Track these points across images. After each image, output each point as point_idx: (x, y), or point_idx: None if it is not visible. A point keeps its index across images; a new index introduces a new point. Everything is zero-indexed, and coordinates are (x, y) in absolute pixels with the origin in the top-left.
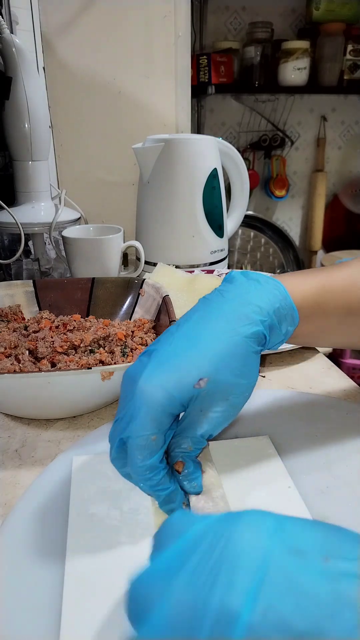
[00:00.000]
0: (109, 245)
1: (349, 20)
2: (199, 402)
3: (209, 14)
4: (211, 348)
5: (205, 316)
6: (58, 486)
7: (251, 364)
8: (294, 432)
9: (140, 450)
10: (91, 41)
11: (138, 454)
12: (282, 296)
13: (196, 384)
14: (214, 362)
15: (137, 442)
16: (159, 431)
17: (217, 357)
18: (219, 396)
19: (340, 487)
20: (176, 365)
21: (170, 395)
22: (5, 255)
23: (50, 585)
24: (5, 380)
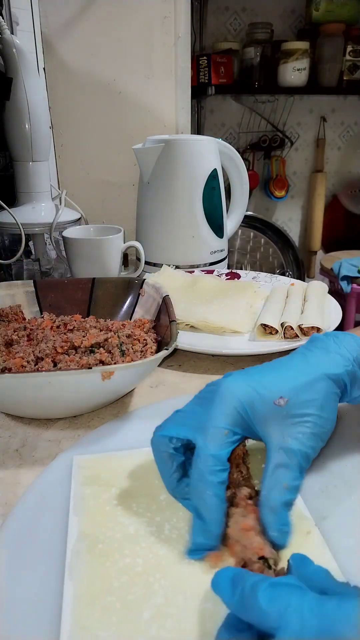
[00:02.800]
0: (109, 246)
1: (349, 21)
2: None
3: (209, 14)
4: (294, 377)
5: (288, 359)
6: (58, 486)
7: (330, 401)
8: None
9: (212, 440)
10: (91, 42)
11: (210, 448)
12: (359, 346)
13: (276, 401)
14: (294, 387)
15: (209, 435)
16: (232, 428)
17: (298, 384)
18: (298, 419)
19: (340, 487)
20: (261, 379)
21: (253, 397)
22: (5, 256)
23: (50, 585)
24: (6, 380)
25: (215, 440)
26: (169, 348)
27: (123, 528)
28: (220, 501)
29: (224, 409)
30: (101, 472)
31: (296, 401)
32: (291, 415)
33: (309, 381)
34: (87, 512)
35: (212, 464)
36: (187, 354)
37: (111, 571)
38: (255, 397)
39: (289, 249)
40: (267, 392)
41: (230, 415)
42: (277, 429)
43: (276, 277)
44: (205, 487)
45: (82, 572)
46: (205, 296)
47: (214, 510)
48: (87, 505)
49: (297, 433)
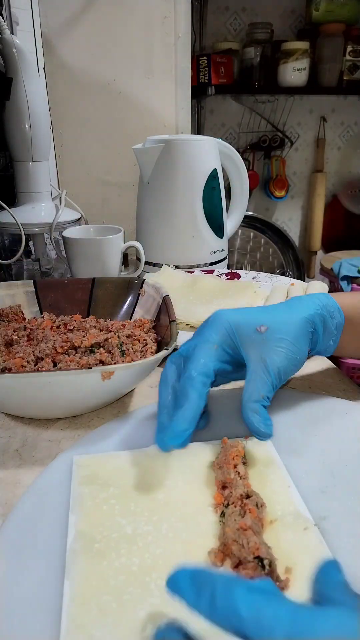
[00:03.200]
0: (109, 246)
1: (349, 21)
2: (259, 348)
3: (209, 14)
4: (273, 313)
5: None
6: (58, 486)
7: (303, 335)
8: (294, 432)
9: (202, 350)
10: (91, 42)
11: (200, 351)
12: (327, 298)
13: (258, 327)
14: (273, 320)
15: (202, 345)
16: (221, 344)
17: (277, 318)
18: (274, 344)
19: (339, 487)
20: (246, 312)
21: (239, 321)
22: (5, 256)
23: (50, 585)
24: (6, 380)
25: (206, 351)
26: (169, 348)
27: (120, 527)
28: (199, 396)
29: (215, 328)
30: (99, 471)
31: (274, 329)
32: (269, 340)
33: (286, 317)
34: (84, 511)
35: (200, 367)
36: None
37: (108, 570)
38: (241, 320)
39: (289, 249)
40: (251, 319)
41: (219, 333)
42: (257, 350)
43: (276, 277)
44: (190, 385)
45: (78, 571)
46: (205, 296)
47: (192, 400)
48: (84, 504)
49: (273, 354)
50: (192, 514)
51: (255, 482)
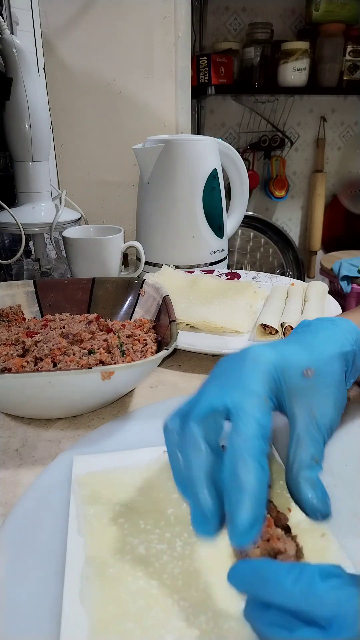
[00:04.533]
0: (109, 246)
1: (349, 21)
2: (307, 399)
3: (209, 14)
4: (314, 350)
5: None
6: (58, 486)
7: (343, 378)
8: None
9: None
10: (91, 42)
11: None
12: (354, 329)
13: (305, 371)
14: (317, 359)
15: (251, 401)
16: (270, 396)
17: (319, 356)
18: (324, 392)
19: (339, 487)
20: (287, 350)
21: (284, 365)
22: (5, 256)
23: (50, 585)
24: (6, 380)
25: (259, 406)
26: (169, 348)
27: (132, 548)
28: (264, 472)
29: (260, 375)
30: (101, 489)
31: (321, 374)
32: (318, 387)
33: (326, 353)
34: (92, 534)
35: (258, 430)
36: (187, 354)
37: (126, 596)
38: (286, 365)
39: (289, 249)
40: (295, 360)
41: (266, 382)
42: (305, 401)
43: (276, 277)
44: (251, 454)
45: (95, 599)
46: (205, 296)
47: (259, 479)
48: (91, 526)
49: (323, 406)
50: None
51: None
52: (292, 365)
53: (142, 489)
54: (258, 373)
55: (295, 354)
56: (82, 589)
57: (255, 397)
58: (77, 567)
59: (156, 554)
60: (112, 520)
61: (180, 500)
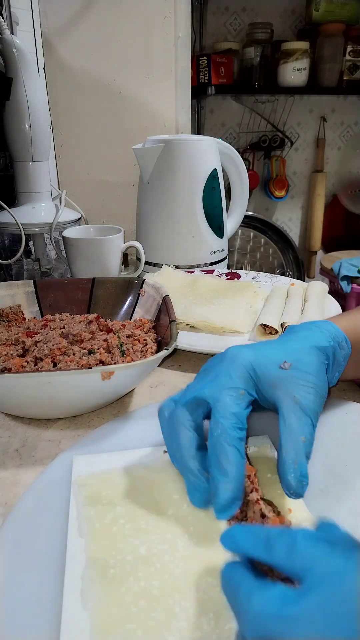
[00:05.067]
0: (109, 246)
1: (349, 21)
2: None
3: (209, 14)
4: (290, 348)
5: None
6: (58, 486)
7: (323, 369)
8: None
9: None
10: (91, 42)
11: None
12: (334, 328)
13: (282, 364)
14: (293, 355)
15: (228, 394)
16: (246, 389)
17: (296, 351)
18: (302, 382)
19: (339, 487)
20: (262, 349)
21: (260, 360)
22: (5, 256)
23: (50, 585)
24: (6, 380)
25: (234, 400)
26: (169, 348)
27: (134, 549)
28: (241, 456)
29: (236, 371)
30: (102, 490)
31: (298, 365)
32: (296, 376)
33: (303, 349)
34: (93, 535)
35: (234, 420)
36: (187, 354)
37: (127, 597)
38: (262, 360)
39: (289, 249)
40: (271, 357)
41: (242, 377)
42: (286, 390)
43: (276, 277)
44: (228, 443)
45: (96, 601)
46: (205, 296)
47: (236, 463)
48: (92, 527)
49: (305, 393)
50: (206, 528)
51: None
52: (268, 360)
53: (143, 489)
54: (235, 369)
55: (272, 351)
56: (84, 590)
57: (232, 391)
58: (78, 568)
59: (157, 554)
60: (113, 521)
61: (181, 500)
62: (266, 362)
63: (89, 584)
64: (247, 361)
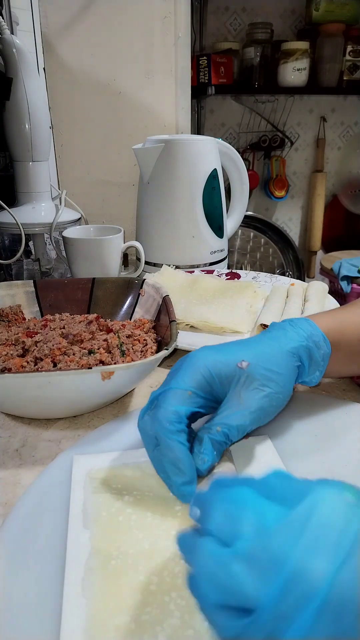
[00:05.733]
0: (109, 246)
1: (349, 21)
2: (238, 385)
3: (209, 14)
4: (255, 347)
5: (256, 337)
6: (58, 486)
7: (288, 371)
8: (294, 432)
9: (174, 397)
10: (91, 42)
11: (171, 399)
12: (312, 326)
13: (239, 363)
14: (256, 355)
15: (173, 392)
16: (195, 390)
17: (259, 352)
18: (256, 384)
19: None
20: (229, 349)
21: (216, 362)
22: (5, 256)
23: (50, 585)
24: (6, 380)
25: (177, 398)
26: (169, 348)
27: (137, 542)
28: (183, 445)
29: (189, 373)
30: (112, 481)
31: (257, 364)
32: (251, 376)
33: (269, 350)
34: (99, 524)
35: (172, 416)
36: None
37: (125, 589)
38: (220, 361)
39: (289, 249)
40: (231, 357)
41: (195, 379)
42: (236, 387)
43: (276, 277)
44: (167, 435)
45: (95, 590)
46: (205, 296)
47: (178, 450)
48: (99, 515)
49: (251, 391)
50: None
51: None
52: (226, 361)
53: (153, 485)
54: (189, 371)
55: (234, 351)
56: (85, 579)
57: (178, 390)
58: (78, 564)
59: (160, 550)
60: (119, 510)
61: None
62: (223, 364)
63: (90, 574)
64: (203, 363)
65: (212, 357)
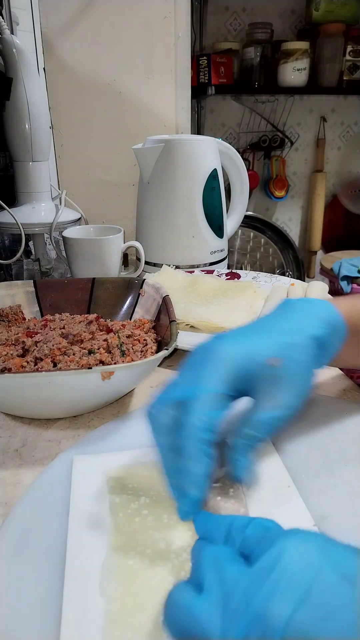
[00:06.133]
0: (109, 246)
1: (349, 21)
2: (267, 384)
3: (209, 14)
4: (282, 338)
5: (272, 319)
6: (58, 486)
7: (312, 362)
8: (294, 432)
9: (205, 402)
10: (91, 42)
11: (202, 404)
12: (332, 311)
13: (269, 360)
14: (285, 348)
15: (205, 397)
16: (227, 391)
17: (286, 344)
18: (287, 381)
19: (339, 487)
20: (254, 340)
21: (244, 358)
22: (5, 256)
23: (50, 584)
24: (6, 380)
25: (209, 403)
26: (169, 348)
27: (154, 543)
28: (208, 457)
29: (219, 373)
30: (128, 481)
31: (286, 361)
32: (281, 375)
33: (296, 342)
34: (116, 524)
35: (205, 426)
36: (187, 354)
37: (143, 589)
38: (249, 359)
39: (289, 249)
40: (260, 353)
41: (224, 379)
42: (267, 388)
43: (276, 277)
44: (198, 447)
45: (113, 590)
46: (205, 296)
47: (205, 466)
48: (115, 516)
49: (285, 393)
50: None
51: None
52: (255, 358)
53: None
54: (216, 369)
55: (261, 342)
56: (102, 579)
57: (209, 394)
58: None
59: (176, 551)
60: (136, 511)
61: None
62: (253, 361)
63: (108, 573)
64: (230, 358)
65: (238, 350)
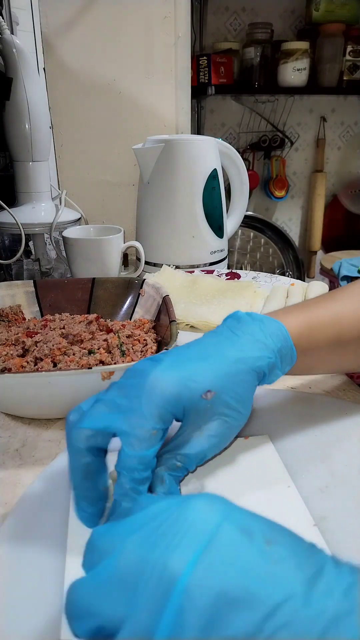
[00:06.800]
0: (109, 246)
1: (349, 21)
2: (199, 416)
3: (209, 14)
4: (221, 368)
5: (215, 342)
6: (58, 486)
7: (249, 395)
8: (294, 432)
9: (138, 440)
10: (91, 42)
11: (135, 442)
12: (283, 337)
13: (204, 394)
14: (222, 380)
15: (138, 434)
16: (160, 427)
17: (225, 376)
18: (218, 414)
19: (339, 487)
20: (191, 370)
21: (179, 389)
22: (5, 256)
23: (50, 584)
24: (6, 380)
25: (143, 441)
26: (169, 348)
27: None
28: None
29: (152, 407)
30: None
31: (221, 393)
32: (214, 406)
33: (234, 374)
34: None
35: (137, 464)
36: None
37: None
38: (184, 391)
39: (289, 249)
40: (196, 385)
41: (157, 415)
42: (198, 419)
43: (276, 277)
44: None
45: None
46: (205, 296)
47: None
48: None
49: (215, 425)
50: None
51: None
52: (190, 391)
53: None
54: (150, 402)
55: (198, 374)
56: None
57: (140, 430)
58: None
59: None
60: None
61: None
62: (187, 395)
63: None
64: (168, 389)
65: (174, 379)
